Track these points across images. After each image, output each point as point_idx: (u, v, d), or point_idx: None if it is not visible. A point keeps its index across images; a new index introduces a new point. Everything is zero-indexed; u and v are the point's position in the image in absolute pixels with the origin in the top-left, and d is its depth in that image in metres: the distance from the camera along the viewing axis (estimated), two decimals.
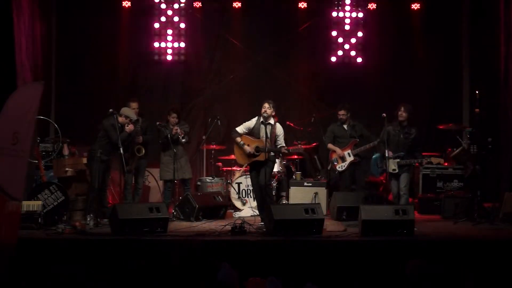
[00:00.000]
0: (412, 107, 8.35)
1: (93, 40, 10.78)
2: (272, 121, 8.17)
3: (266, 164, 8.03)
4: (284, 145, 8.20)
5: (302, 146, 8.62)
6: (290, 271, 6.31)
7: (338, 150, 9.04)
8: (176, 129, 8.79)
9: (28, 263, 6.12)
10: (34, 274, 5.76)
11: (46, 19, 10.12)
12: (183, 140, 8.90)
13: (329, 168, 9.29)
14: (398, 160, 8.10)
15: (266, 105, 8.12)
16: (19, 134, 5.83)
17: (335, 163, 9.06)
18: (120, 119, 8.06)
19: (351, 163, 8.97)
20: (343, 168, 9.01)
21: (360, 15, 10.91)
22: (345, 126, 9.16)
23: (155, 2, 10.78)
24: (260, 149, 8.04)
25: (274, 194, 9.19)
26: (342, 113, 9.12)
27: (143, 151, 8.68)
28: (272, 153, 8.15)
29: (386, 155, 8.01)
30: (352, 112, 9.22)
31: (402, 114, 8.23)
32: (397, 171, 8.11)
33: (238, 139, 8.25)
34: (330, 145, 9.15)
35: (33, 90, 6.29)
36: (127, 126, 8.05)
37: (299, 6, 10.92)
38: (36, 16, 9.66)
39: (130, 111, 8.23)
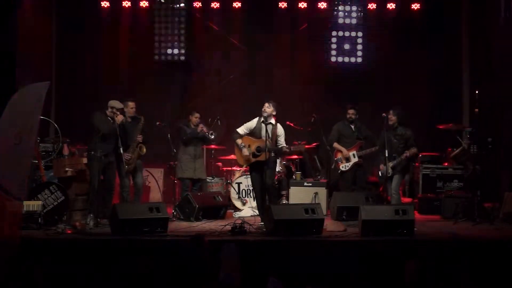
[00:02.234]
0: (401, 110, 8.28)
1: (93, 40, 10.80)
2: (273, 121, 8.15)
3: (268, 164, 8.01)
4: (285, 145, 8.19)
5: (304, 145, 8.59)
6: (290, 271, 6.32)
7: (344, 150, 9.03)
8: (202, 127, 8.92)
9: (28, 263, 6.11)
10: (34, 274, 5.74)
11: (47, 19, 10.13)
12: (211, 137, 9.03)
13: (332, 166, 9.28)
14: (391, 163, 8.11)
15: (266, 104, 8.11)
16: (22, 134, 5.84)
17: (339, 163, 9.05)
18: (107, 112, 8.04)
19: (355, 164, 8.97)
20: (347, 168, 9.01)
21: (360, 14, 10.91)
22: (352, 127, 9.16)
23: (155, 2, 10.79)
24: (261, 148, 8.01)
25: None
26: (352, 112, 9.12)
27: (144, 150, 8.67)
28: (273, 153, 8.13)
29: (386, 155, 8.00)
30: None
31: (391, 117, 8.21)
32: (391, 173, 8.14)
33: (239, 140, 8.21)
34: (335, 144, 9.13)
35: (38, 90, 6.28)
36: (116, 117, 7.95)
37: (299, 6, 10.93)
38: (37, 15, 9.68)
39: (115, 102, 8.12)
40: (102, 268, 6.31)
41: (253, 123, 8.24)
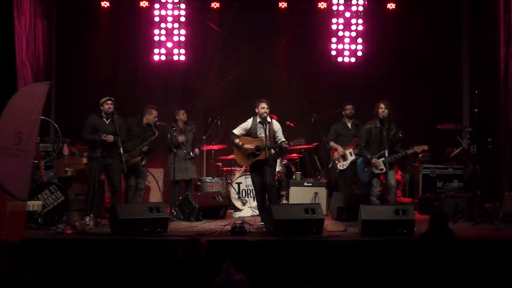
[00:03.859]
0: (390, 103, 8.10)
1: (93, 40, 10.79)
2: (268, 118, 8.12)
3: (267, 163, 7.99)
4: (283, 140, 8.16)
5: (303, 140, 8.52)
6: (290, 271, 6.32)
7: (340, 148, 9.02)
8: (183, 139, 8.92)
9: (28, 263, 6.11)
10: (34, 274, 5.75)
11: (47, 19, 10.13)
12: (191, 154, 9.05)
13: (330, 166, 9.28)
14: (383, 159, 7.82)
15: (265, 105, 8.05)
16: (22, 134, 5.84)
17: (336, 162, 9.04)
18: (103, 112, 8.10)
19: (352, 162, 8.95)
20: (344, 167, 9.00)
21: (361, 15, 10.91)
22: (349, 125, 9.14)
23: (155, 2, 10.78)
24: (261, 147, 8.00)
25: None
26: (349, 107, 9.12)
27: (144, 162, 8.67)
28: (273, 151, 8.11)
29: (386, 155, 7.93)
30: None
31: (384, 110, 7.95)
32: (384, 170, 7.85)
33: (237, 140, 8.19)
34: (332, 143, 9.12)
35: (38, 90, 6.28)
36: (105, 136, 7.95)
37: (299, 6, 10.92)
38: (37, 15, 9.68)
39: (104, 98, 8.18)
40: (102, 268, 6.32)
41: (248, 123, 8.23)
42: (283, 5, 10.92)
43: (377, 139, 7.94)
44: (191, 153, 9.07)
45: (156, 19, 10.80)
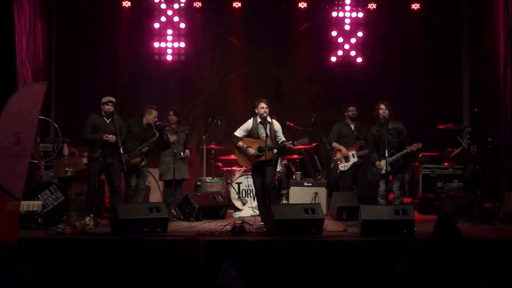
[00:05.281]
0: (389, 103, 8.15)
1: (93, 40, 10.79)
2: (269, 118, 8.10)
3: (269, 163, 7.97)
4: (284, 139, 8.14)
5: (307, 139, 8.54)
6: (290, 271, 6.32)
7: (343, 149, 8.97)
8: (174, 139, 8.89)
9: (28, 263, 6.11)
10: (34, 274, 5.75)
11: (47, 19, 10.13)
12: (182, 155, 8.99)
13: (331, 166, 9.25)
14: (387, 158, 7.91)
15: (264, 105, 8.03)
16: (20, 134, 5.85)
17: (338, 162, 9.01)
18: (103, 112, 8.09)
19: (354, 164, 8.93)
20: (346, 168, 8.95)
21: (360, 15, 10.91)
22: (352, 126, 9.10)
23: (155, 2, 10.78)
24: (263, 148, 7.98)
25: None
26: (352, 109, 9.06)
27: (143, 163, 8.67)
28: (275, 151, 8.09)
29: (386, 155, 7.94)
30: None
31: (385, 111, 8.00)
32: (389, 169, 7.94)
33: (240, 143, 8.14)
34: (335, 144, 9.08)
35: (36, 90, 6.30)
36: (107, 137, 7.95)
37: (299, 6, 10.92)
38: (37, 16, 9.69)
39: (104, 98, 8.16)
40: (102, 268, 6.31)
41: (249, 124, 8.20)
42: (283, 5, 10.92)
43: (381, 142, 8.01)
44: (182, 154, 9.05)
45: (156, 19, 10.80)
